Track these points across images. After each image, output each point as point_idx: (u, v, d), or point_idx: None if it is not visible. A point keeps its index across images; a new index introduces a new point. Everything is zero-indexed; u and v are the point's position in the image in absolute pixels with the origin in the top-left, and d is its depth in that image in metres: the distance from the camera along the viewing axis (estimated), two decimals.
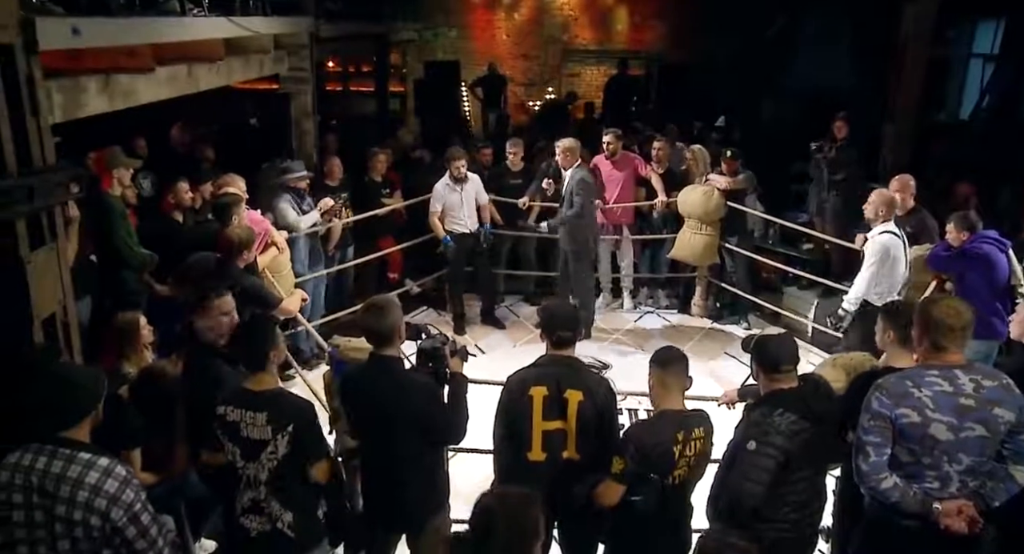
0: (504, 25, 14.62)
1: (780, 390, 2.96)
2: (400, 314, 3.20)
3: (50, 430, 2.53)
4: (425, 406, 3.11)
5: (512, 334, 7.33)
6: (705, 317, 7.68)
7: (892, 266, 5.19)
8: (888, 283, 5.20)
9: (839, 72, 10.77)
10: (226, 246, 4.57)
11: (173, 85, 4.90)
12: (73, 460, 2.48)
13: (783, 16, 7.17)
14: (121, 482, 2.48)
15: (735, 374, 6.49)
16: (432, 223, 7.03)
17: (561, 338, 3.28)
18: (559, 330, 3.28)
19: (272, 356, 3.09)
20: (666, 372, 3.12)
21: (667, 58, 13.76)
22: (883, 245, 5.17)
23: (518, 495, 2.35)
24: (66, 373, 2.78)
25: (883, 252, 5.15)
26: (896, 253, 5.18)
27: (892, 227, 5.20)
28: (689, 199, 7.16)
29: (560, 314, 3.37)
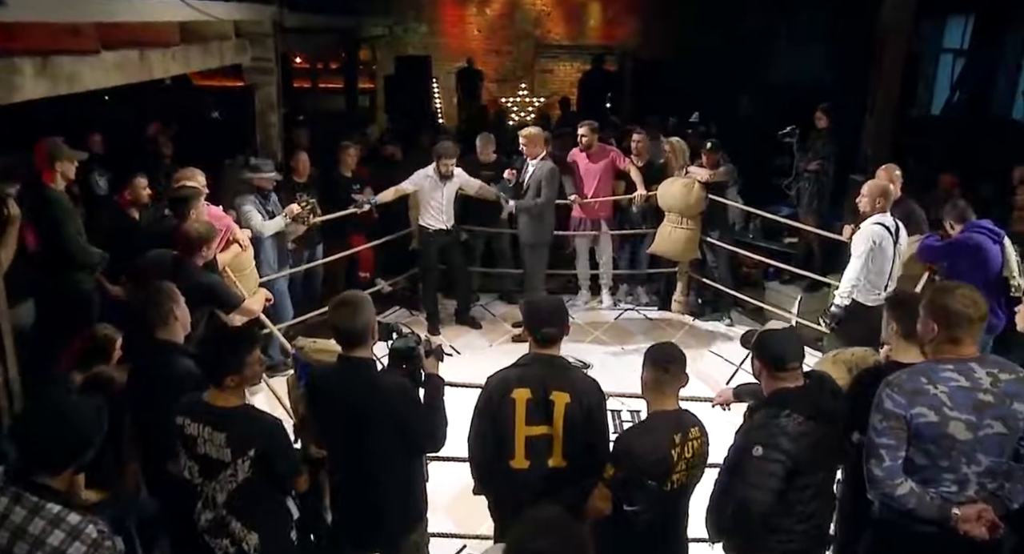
0: (476, 20, 14.40)
1: (785, 389, 2.72)
2: (373, 312, 2.93)
3: (23, 472, 2.21)
4: (402, 410, 2.84)
5: (488, 334, 7.07)
6: (686, 314, 7.48)
7: (879, 261, 5.01)
8: (872, 279, 5.04)
9: (817, 67, 10.70)
10: (184, 242, 4.26)
11: (123, 71, 4.56)
12: (39, 512, 2.14)
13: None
14: (89, 546, 2.13)
15: (720, 372, 6.31)
16: (389, 192, 6.73)
17: (546, 335, 3.03)
18: (544, 326, 3.03)
19: (244, 371, 2.78)
20: (664, 373, 2.89)
21: (641, 53, 13.60)
22: (869, 235, 4.98)
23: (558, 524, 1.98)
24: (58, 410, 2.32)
25: (869, 243, 4.96)
26: (884, 245, 5.00)
27: (884, 219, 5.02)
28: (669, 192, 6.95)
29: (545, 309, 3.10)
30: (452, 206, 6.84)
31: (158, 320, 3.16)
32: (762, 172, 9.02)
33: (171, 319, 3.18)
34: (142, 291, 4.41)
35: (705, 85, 11.48)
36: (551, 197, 6.52)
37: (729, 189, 7.24)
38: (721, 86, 11.49)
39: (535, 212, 6.57)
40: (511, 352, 6.67)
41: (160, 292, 3.22)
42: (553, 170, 6.46)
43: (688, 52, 12.19)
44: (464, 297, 7.24)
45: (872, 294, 5.01)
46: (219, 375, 2.74)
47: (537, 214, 6.57)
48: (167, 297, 3.21)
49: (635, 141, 7.39)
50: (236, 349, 2.75)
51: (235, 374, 2.74)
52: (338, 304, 2.88)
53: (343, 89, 12.11)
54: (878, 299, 4.96)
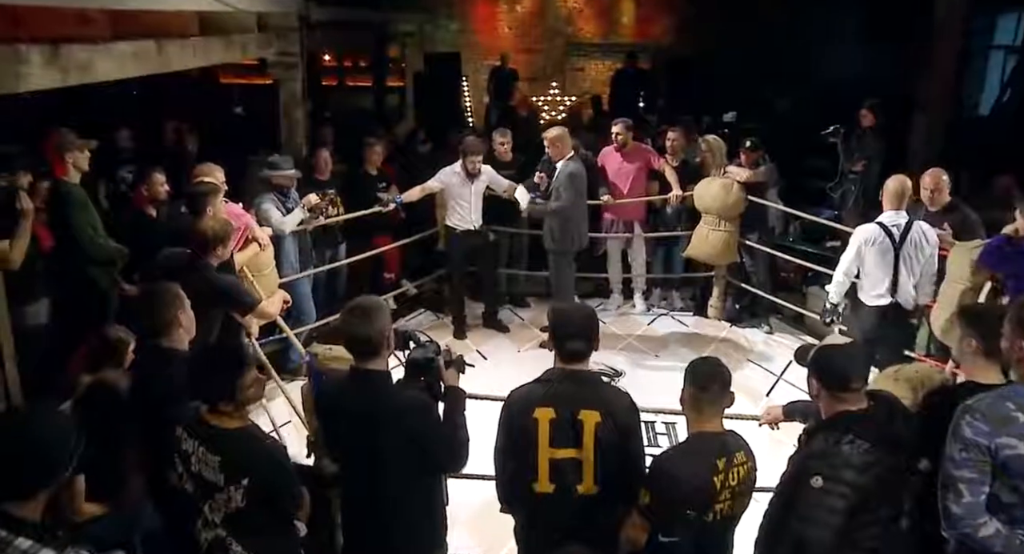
0: (507, 18, 14.18)
1: (847, 412, 2.42)
2: (389, 319, 2.67)
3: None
4: (418, 427, 2.58)
5: (516, 338, 6.81)
6: (723, 320, 7.15)
7: (874, 262, 4.83)
8: (872, 280, 4.87)
9: (858, 64, 10.32)
10: (199, 240, 4.05)
11: (139, 62, 4.38)
12: (7, 547, 1.91)
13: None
14: None
15: (760, 383, 6.00)
16: (415, 190, 6.50)
17: (573, 351, 2.73)
18: (571, 340, 2.73)
19: (237, 397, 2.54)
20: (704, 392, 2.61)
21: (675, 51, 13.28)
22: (859, 235, 4.88)
23: None
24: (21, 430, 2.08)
25: (858, 242, 4.85)
26: (877, 246, 4.80)
27: (887, 218, 4.80)
28: (707, 193, 6.65)
29: (574, 320, 2.80)
30: (480, 206, 6.60)
31: (161, 326, 2.94)
32: (800, 173, 8.70)
33: (175, 326, 2.96)
34: None
35: (741, 83, 11.16)
36: (569, 202, 6.15)
37: (769, 190, 6.92)
38: (757, 84, 11.16)
39: (552, 216, 6.23)
40: (540, 358, 6.44)
41: (164, 296, 3.00)
42: (572, 174, 6.12)
43: (723, 49, 11.87)
44: (491, 300, 7.00)
45: (870, 294, 4.92)
46: (211, 401, 2.52)
47: (560, 220, 6.23)
48: (171, 302, 2.98)
49: (670, 139, 7.10)
50: (226, 375, 2.52)
51: (228, 400, 2.52)
52: (350, 310, 2.63)
53: (372, 87, 11.93)
54: (877, 300, 4.89)
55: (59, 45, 3.61)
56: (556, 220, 6.26)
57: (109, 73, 4.09)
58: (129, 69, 4.29)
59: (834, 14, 10.97)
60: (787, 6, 11.52)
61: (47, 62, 3.54)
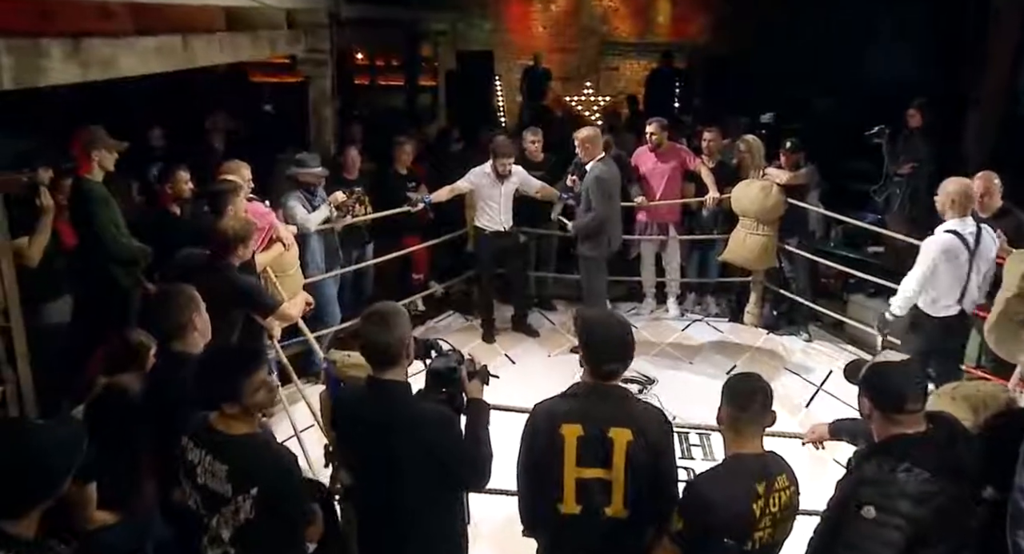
0: (541, 17, 14.01)
1: (903, 436, 2.21)
2: (409, 326, 2.52)
3: None
4: (438, 442, 2.43)
5: (546, 343, 6.64)
6: (760, 327, 6.91)
7: (947, 271, 4.52)
8: (942, 290, 4.57)
9: (901, 63, 9.99)
10: (219, 240, 3.96)
11: (164, 58, 4.30)
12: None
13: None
14: None
15: (798, 394, 5.76)
16: (444, 190, 6.37)
17: (611, 372, 2.55)
18: (607, 362, 2.53)
19: (243, 400, 2.40)
20: (743, 411, 2.43)
21: (711, 50, 13.00)
22: (935, 246, 4.51)
23: None
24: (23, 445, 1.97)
25: (934, 254, 4.49)
26: (955, 257, 4.48)
27: (958, 225, 4.48)
28: (745, 195, 6.42)
29: (612, 339, 2.54)
30: (510, 207, 6.46)
31: (175, 330, 2.83)
32: (842, 175, 8.42)
33: (189, 329, 2.84)
34: None
35: (779, 83, 10.86)
36: (602, 208, 5.96)
37: (810, 193, 6.67)
38: (797, 84, 10.85)
39: (594, 227, 6.04)
40: (570, 363, 6.26)
41: (178, 298, 2.88)
42: (599, 178, 5.91)
43: (761, 48, 11.55)
44: (521, 303, 6.84)
45: (938, 305, 4.62)
46: (214, 401, 2.39)
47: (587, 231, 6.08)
48: (185, 304, 2.86)
49: (707, 139, 6.88)
50: (230, 375, 2.38)
51: (232, 402, 2.38)
52: (368, 316, 2.48)
53: (404, 86, 11.83)
54: (945, 311, 4.61)
55: (80, 39, 3.53)
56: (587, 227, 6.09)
57: (132, 68, 4.02)
58: (153, 65, 4.21)
59: (878, 10, 10.63)
60: (829, 3, 11.21)
61: (68, 57, 3.46)
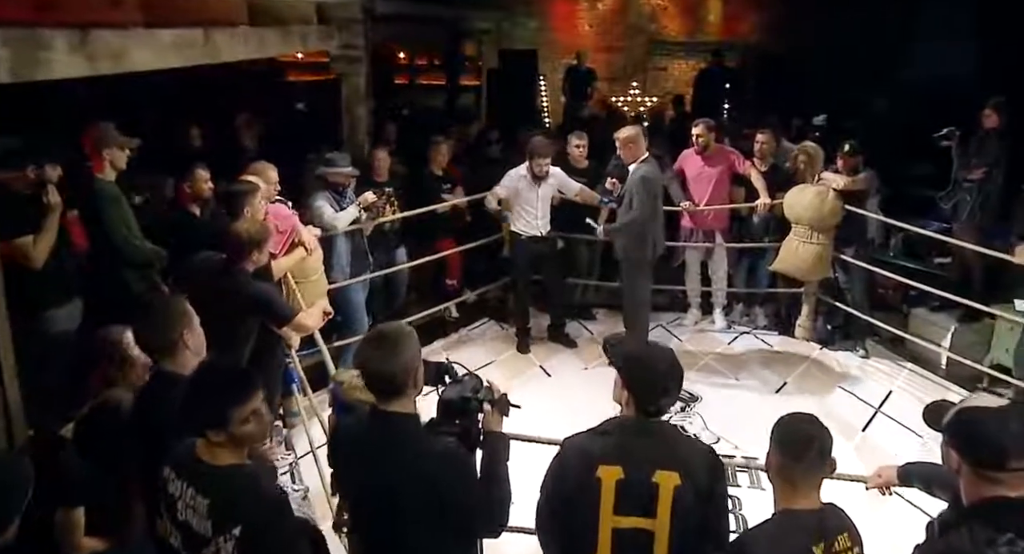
0: (587, 15, 13.68)
1: (1003, 499, 1.81)
2: (417, 350, 2.21)
3: None
4: (448, 483, 2.13)
5: (583, 354, 6.31)
6: (812, 341, 6.48)
7: None
8: None
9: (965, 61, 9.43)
10: (233, 244, 3.73)
11: (182, 52, 4.09)
12: None
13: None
14: None
15: (853, 415, 5.34)
16: (492, 201, 6.07)
17: (660, 409, 2.28)
18: (653, 400, 2.26)
19: (230, 428, 2.14)
20: (798, 462, 2.09)
21: (764, 49, 12.51)
22: None
23: None
24: None
25: None
26: None
27: None
28: (798, 202, 6.01)
29: (659, 374, 2.28)
30: (548, 210, 6.15)
31: (163, 347, 2.58)
32: (903, 180, 7.93)
33: (179, 347, 2.58)
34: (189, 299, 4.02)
35: (836, 82, 10.38)
36: (646, 210, 5.62)
37: (869, 199, 6.23)
38: (856, 83, 10.34)
39: (632, 230, 5.68)
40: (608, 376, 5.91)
41: (167, 311, 2.63)
42: (645, 177, 5.57)
43: (817, 47, 11.06)
44: (558, 312, 6.52)
45: None
46: (198, 427, 2.14)
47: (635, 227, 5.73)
48: (176, 319, 2.60)
49: (759, 142, 6.47)
50: (219, 400, 2.12)
51: (217, 429, 2.12)
52: (369, 340, 2.19)
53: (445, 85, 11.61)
54: None
55: (88, 30, 3.32)
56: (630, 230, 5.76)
57: (147, 62, 3.80)
58: (170, 59, 4.00)
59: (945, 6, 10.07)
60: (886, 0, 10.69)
61: (73, 49, 3.25)
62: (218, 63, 4.55)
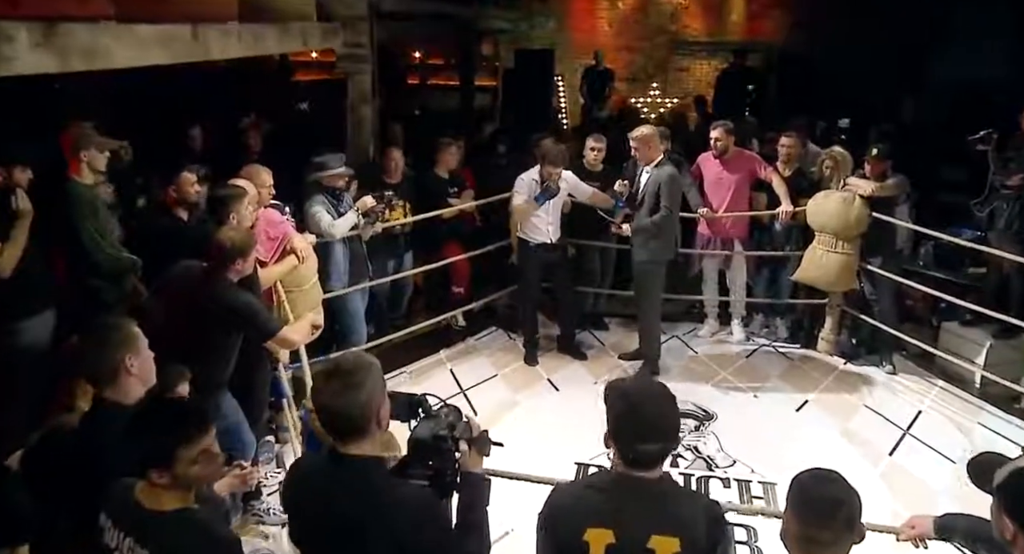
0: (607, 14, 13.40)
1: None
2: (381, 384, 1.95)
3: None
4: (416, 539, 1.86)
5: (594, 366, 6.02)
6: (836, 355, 6.15)
7: None
8: None
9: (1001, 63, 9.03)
10: (215, 252, 3.50)
11: (169, 48, 3.87)
12: None
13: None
14: None
15: (879, 437, 5.01)
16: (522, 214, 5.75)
17: (642, 456, 1.92)
18: (642, 442, 1.92)
19: (175, 469, 1.91)
20: (821, 531, 1.79)
21: (789, 50, 12.15)
22: None
23: None
24: None
25: None
26: None
27: None
28: (823, 209, 5.70)
29: (645, 412, 1.94)
30: (558, 216, 5.88)
31: (103, 373, 2.33)
32: (934, 185, 7.58)
33: (122, 373, 2.33)
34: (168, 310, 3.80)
35: (864, 83, 10.01)
36: (675, 209, 5.43)
37: (898, 207, 5.89)
38: (882, 85, 9.97)
39: (656, 230, 5.45)
40: None
41: (109, 334, 2.38)
42: (673, 176, 5.36)
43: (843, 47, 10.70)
44: (568, 322, 6.24)
45: None
46: (139, 466, 1.89)
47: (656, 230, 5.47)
48: (119, 342, 2.35)
49: (784, 145, 6.13)
50: (163, 437, 1.89)
51: (161, 469, 1.88)
52: (326, 374, 1.91)
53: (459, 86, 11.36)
54: None
55: (55, 24, 3.11)
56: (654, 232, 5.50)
57: (126, 59, 3.59)
58: (154, 56, 3.78)
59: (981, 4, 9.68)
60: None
61: (37, 43, 3.04)
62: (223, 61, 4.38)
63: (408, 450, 2.06)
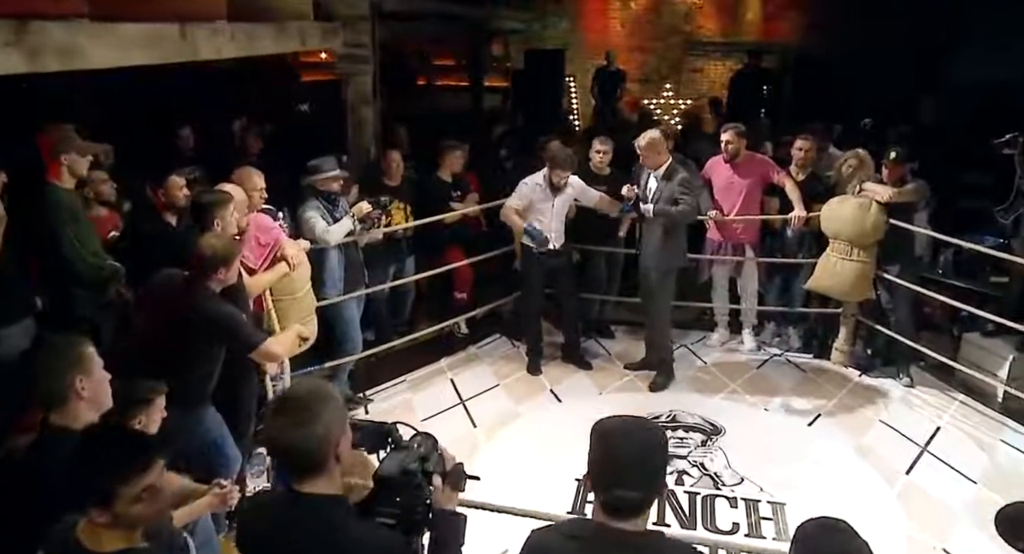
0: (620, 14, 13.21)
1: None
2: (340, 414, 1.77)
3: None
4: None
5: (599, 376, 5.84)
6: (850, 367, 5.93)
7: None
8: None
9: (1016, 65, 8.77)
10: (197, 261, 3.35)
11: (154, 48, 3.73)
12: None
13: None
14: None
15: (895, 453, 4.80)
16: (508, 217, 5.62)
17: (620, 505, 1.74)
18: (619, 487, 1.72)
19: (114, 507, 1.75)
20: None
21: (805, 50, 11.90)
22: None
23: None
24: None
25: None
26: None
27: None
28: (837, 215, 5.49)
29: (622, 453, 1.75)
30: (563, 222, 5.71)
31: (52, 395, 2.18)
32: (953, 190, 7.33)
33: (71, 397, 2.18)
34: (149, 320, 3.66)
35: (881, 85, 9.77)
36: (691, 206, 5.31)
37: (917, 213, 5.67)
38: (902, 87, 9.72)
39: (679, 220, 5.34)
40: (624, 403, 5.50)
41: (59, 353, 2.22)
42: (689, 177, 5.25)
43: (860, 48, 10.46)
44: (573, 331, 6.05)
45: None
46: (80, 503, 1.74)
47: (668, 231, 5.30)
48: (69, 365, 2.19)
49: (800, 148, 5.92)
50: (104, 472, 1.73)
51: (101, 508, 1.72)
52: (279, 406, 1.74)
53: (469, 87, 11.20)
54: None
55: (27, 22, 2.97)
56: (661, 234, 5.32)
57: (106, 59, 3.45)
58: (137, 56, 3.64)
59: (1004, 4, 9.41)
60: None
61: (7, 42, 2.90)
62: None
63: (374, 486, 1.89)
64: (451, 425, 5.07)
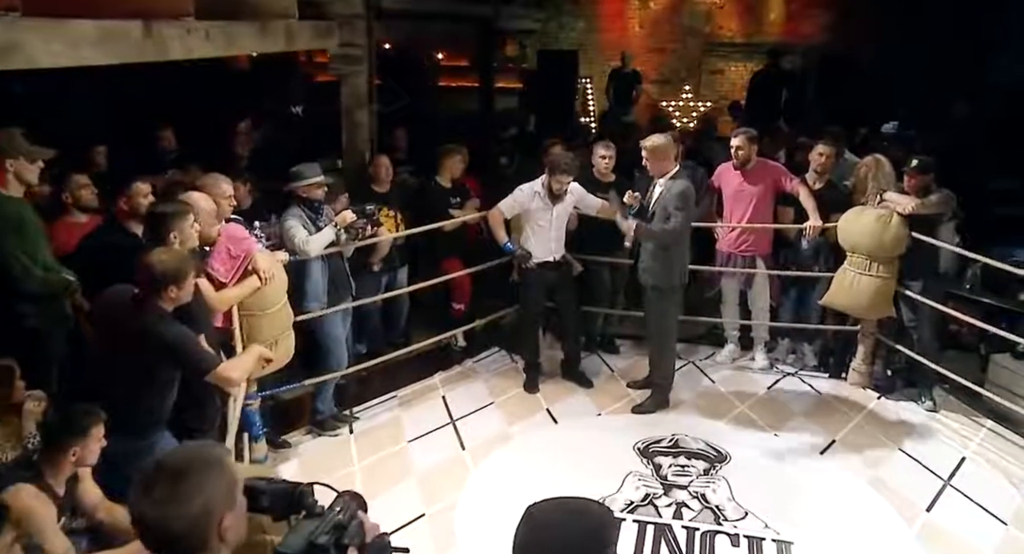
0: (638, 14, 12.89)
1: None
2: (227, 483, 1.47)
3: None
4: None
5: (599, 395, 5.51)
6: (868, 388, 5.55)
7: None
8: None
9: None
10: (144, 278, 3.09)
11: (112, 47, 3.48)
12: None
13: None
14: None
15: (917, 485, 4.44)
16: (492, 225, 5.38)
17: None
18: None
19: None
20: None
21: (829, 51, 11.51)
22: None
23: None
24: None
25: None
26: None
27: None
28: (855, 227, 5.14)
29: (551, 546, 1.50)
30: (563, 231, 5.42)
31: None
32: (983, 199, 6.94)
33: None
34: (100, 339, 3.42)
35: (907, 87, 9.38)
36: (686, 223, 4.93)
37: (943, 226, 5.29)
38: (927, 89, 9.31)
39: (666, 240, 4.95)
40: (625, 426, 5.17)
41: None
42: (685, 193, 4.84)
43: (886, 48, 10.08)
44: (573, 347, 5.74)
45: None
46: None
47: (666, 247, 4.96)
48: None
49: (821, 153, 5.55)
50: None
51: None
52: (146, 478, 1.45)
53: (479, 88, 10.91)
54: None
55: None
56: (658, 249, 4.99)
57: (56, 59, 3.20)
58: (90, 55, 3.39)
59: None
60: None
61: None
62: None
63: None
64: (438, 446, 4.80)
